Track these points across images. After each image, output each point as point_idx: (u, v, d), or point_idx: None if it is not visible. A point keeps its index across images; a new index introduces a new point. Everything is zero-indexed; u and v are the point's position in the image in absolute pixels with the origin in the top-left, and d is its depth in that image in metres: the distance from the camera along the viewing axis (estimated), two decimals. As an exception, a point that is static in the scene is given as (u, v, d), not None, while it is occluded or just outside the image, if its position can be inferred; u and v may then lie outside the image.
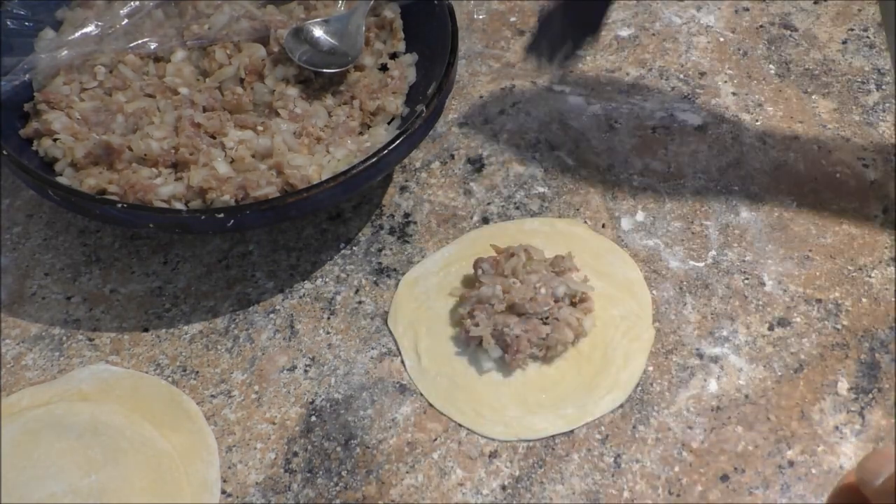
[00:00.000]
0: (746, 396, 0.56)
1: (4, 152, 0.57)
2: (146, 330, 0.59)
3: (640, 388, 0.56)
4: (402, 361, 0.58)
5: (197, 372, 0.57)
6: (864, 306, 0.60)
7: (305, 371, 0.57)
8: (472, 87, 0.74)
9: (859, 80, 0.73)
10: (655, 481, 0.52)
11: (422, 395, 0.56)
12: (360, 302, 0.61)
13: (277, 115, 0.64)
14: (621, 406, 0.55)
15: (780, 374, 0.57)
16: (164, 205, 0.58)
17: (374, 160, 0.57)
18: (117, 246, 0.64)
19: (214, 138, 0.62)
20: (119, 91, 0.64)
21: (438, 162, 0.69)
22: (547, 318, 0.57)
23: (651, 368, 0.57)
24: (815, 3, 0.80)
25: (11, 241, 0.64)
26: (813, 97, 0.72)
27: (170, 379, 0.57)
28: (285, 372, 0.57)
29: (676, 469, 0.53)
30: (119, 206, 0.56)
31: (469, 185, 0.67)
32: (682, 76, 0.74)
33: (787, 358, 0.57)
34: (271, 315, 0.60)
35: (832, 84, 0.73)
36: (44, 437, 0.52)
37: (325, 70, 0.65)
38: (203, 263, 0.63)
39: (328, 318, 0.60)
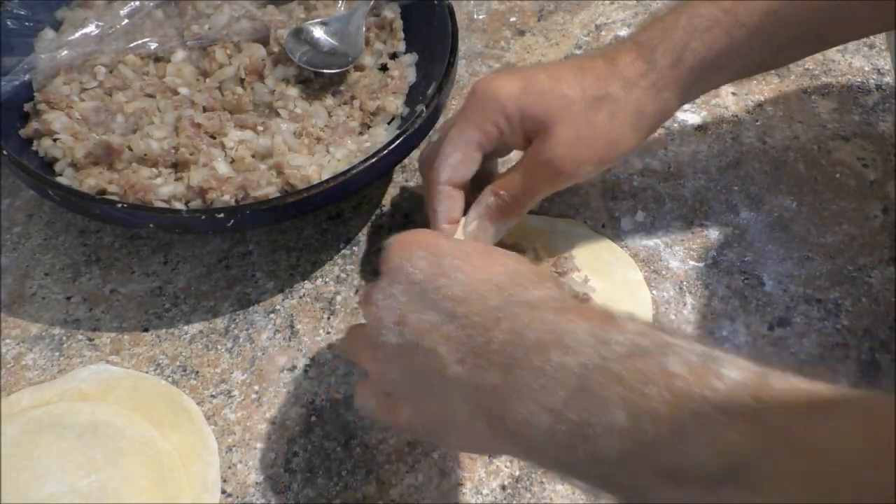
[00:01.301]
0: (746, 396, 0.56)
1: (4, 152, 0.57)
2: (146, 330, 0.59)
3: (640, 388, 0.56)
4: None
5: (197, 372, 0.57)
6: (864, 306, 0.60)
7: (305, 371, 0.57)
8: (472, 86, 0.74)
9: (859, 80, 0.73)
10: (655, 481, 0.52)
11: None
12: (360, 302, 0.61)
13: (277, 115, 0.64)
14: (621, 406, 0.55)
15: (780, 374, 0.57)
16: (164, 205, 0.58)
17: (374, 160, 0.57)
18: (117, 246, 0.64)
19: (214, 138, 0.62)
20: (119, 91, 0.64)
21: (438, 162, 0.69)
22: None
23: (651, 368, 0.57)
24: (815, 3, 0.80)
25: (11, 241, 0.64)
26: (813, 97, 0.72)
27: (170, 379, 0.57)
28: (285, 372, 0.57)
29: (676, 469, 0.53)
30: (119, 206, 0.56)
31: (469, 185, 0.67)
32: (682, 76, 0.74)
33: (787, 358, 0.57)
34: (271, 315, 0.60)
35: (832, 84, 0.73)
36: (44, 437, 0.52)
37: (325, 70, 0.66)
38: (203, 263, 0.63)
39: (328, 318, 0.60)
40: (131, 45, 0.66)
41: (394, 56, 0.69)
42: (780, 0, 0.52)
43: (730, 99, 0.73)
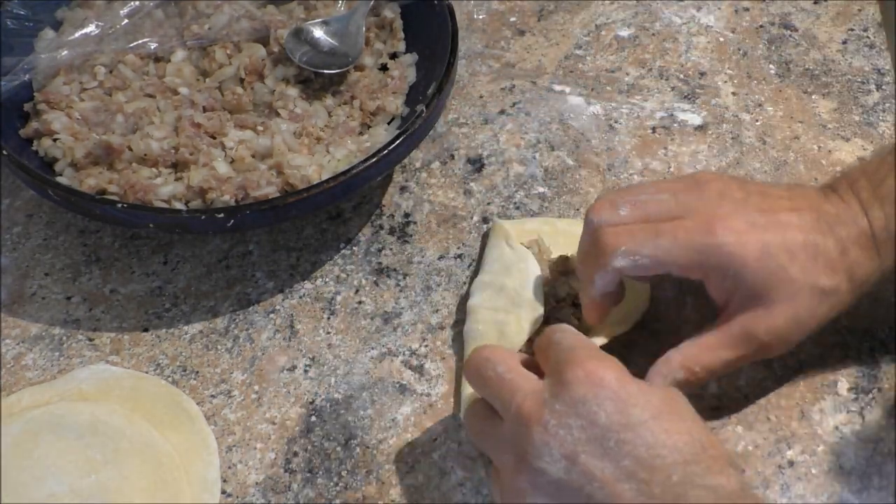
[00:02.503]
0: (746, 396, 0.56)
1: (4, 152, 0.57)
2: (146, 330, 0.59)
3: (640, 388, 0.56)
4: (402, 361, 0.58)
5: (197, 372, 0.57)
6: (864, 306, 0.59)
7: (305, 371, 0.57)
8: (472, 87, 0.74)
9: (859, 80, 0.73)
10: (655, 481, 0.52)
11: (422, 395, 0.56)
12: (360, 302, 0.61)
13: (277, 115, 0.64)
14: (621, 406, 0.55)
15: (780, 374, 0.57)
16: (164, 205, 0.58)
17: (374, 160, 0.57)
18: (117, 246, 0.64)
19: (214, 138, 0.62)
20: (119, 91, 0.64)
21: (438, 162, 0.69)
22: (548, 318, 0.57)
23: (651, 368, 0.57)
24: (815, 3, 0.80)
25: (11, 241, 0.64)
26: (813, 97, 0.72)
27: (170, 379, 0.57)
28: (285, 372, 0.57)
29: (676, 469, 0.53)
30: (119, 206, 0.56)
31: (469, 185, 0.67)
32: (682, 76, 0.74)
33: (787, 358, 0.57)
34: (271, 315, 0.60)
35: (832, 84, 0.73)
36: (44, 437, 0.52)
37: (325, 70, 0.66)
38: (203, 263, 0.63)
39: (328, 318, 0.60)
40: (131, 45, 0.66)
41: (394, 56, 0.69)
42: None
43: (730, 99, 0.73)
